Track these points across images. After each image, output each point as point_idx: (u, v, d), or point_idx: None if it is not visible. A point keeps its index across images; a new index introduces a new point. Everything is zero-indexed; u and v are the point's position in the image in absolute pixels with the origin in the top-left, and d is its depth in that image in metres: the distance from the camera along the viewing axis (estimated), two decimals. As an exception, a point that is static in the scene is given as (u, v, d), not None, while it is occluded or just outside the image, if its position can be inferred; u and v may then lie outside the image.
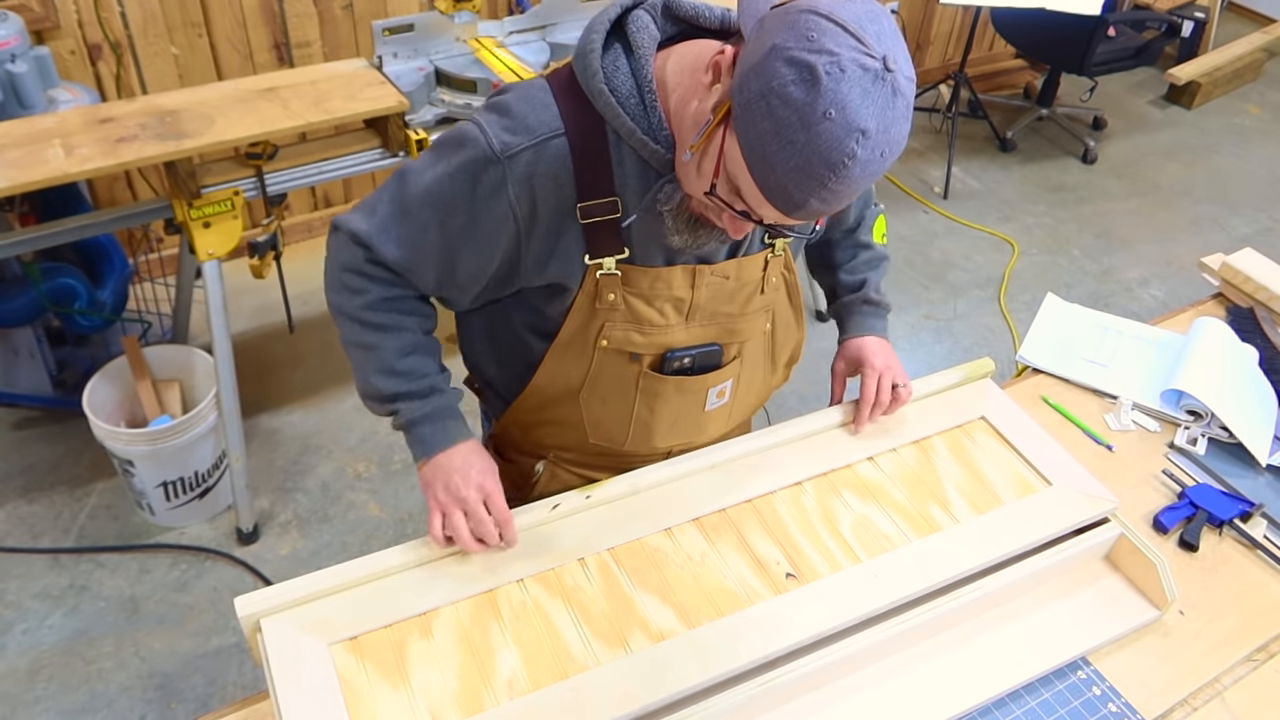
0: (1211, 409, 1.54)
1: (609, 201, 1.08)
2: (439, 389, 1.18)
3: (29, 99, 2.30)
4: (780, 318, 1.28)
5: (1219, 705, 1.20)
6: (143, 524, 2.49)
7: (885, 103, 0.86)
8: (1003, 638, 1.22)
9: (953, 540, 1.24)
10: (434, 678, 1.06)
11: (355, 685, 1.04)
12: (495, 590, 1.15)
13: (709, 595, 1.16)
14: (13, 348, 2.54)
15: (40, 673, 2.16)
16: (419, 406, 1.17)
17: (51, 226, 2.20)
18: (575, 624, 1.12)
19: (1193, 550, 1.37)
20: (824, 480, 1.31)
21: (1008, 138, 4.20)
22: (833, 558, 1.21)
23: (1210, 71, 4.60)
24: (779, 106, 0.86)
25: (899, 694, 1.16)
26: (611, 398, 1.23)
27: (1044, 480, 1.34)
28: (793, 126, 0.86)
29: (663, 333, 1.18)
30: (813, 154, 0.86)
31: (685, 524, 1.23)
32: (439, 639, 1.10)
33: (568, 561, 1.18)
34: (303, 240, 3.39)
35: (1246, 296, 1.83)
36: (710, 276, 1.16)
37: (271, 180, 2.26)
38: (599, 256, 1.11)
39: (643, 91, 1.04)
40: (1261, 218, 3.93)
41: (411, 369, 1.17)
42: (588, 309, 1.15)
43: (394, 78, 2.34)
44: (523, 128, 1.05)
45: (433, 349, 1.20)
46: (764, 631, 1.11)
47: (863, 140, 0.86)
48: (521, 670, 1.07)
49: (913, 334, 3.21)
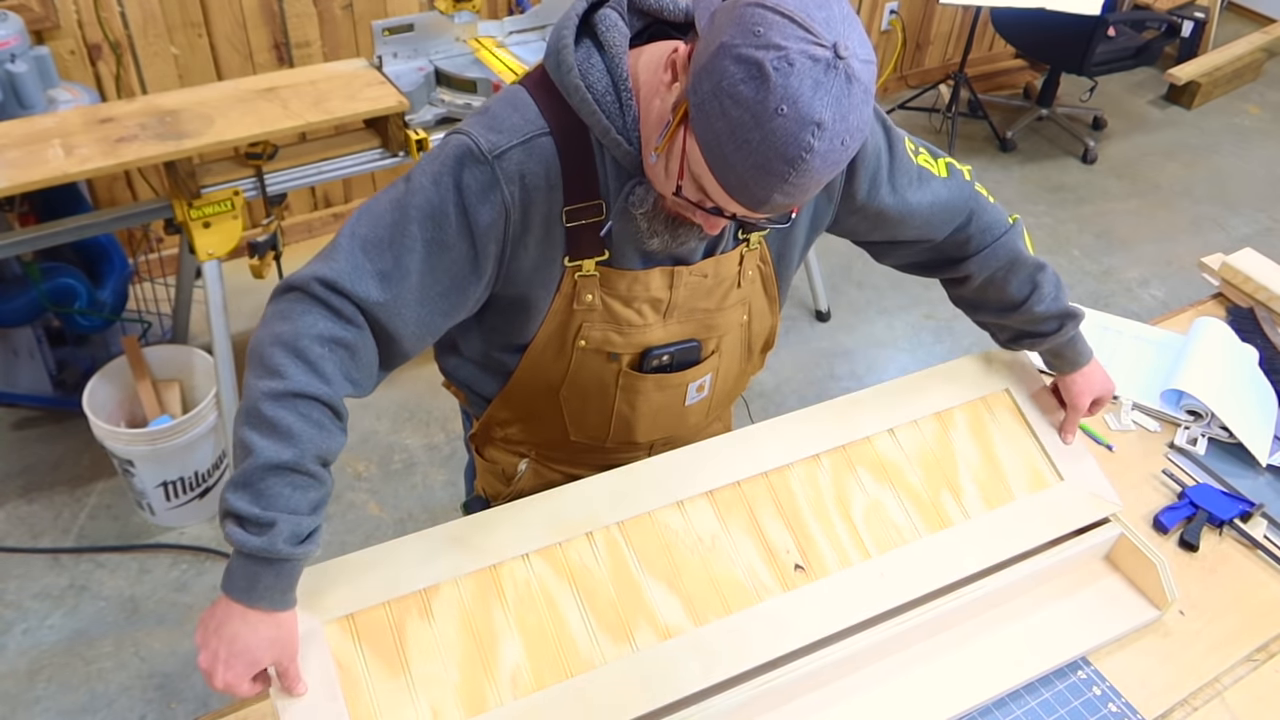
0: (1211, 409, 1.54)
1: (595, 204, 1.06)
2: (277, 531, 0.93)
3: (29, 99, 2.30)
4: (755, 308, 1.26)
5: (1219, 705, 1.20)
6: (143, 524, 2.48)
7: (840, 92, 0.84)
8: (1003, 637, 1.23)
9: (961, 538, 1.24)
10: (435, 668, 1.02)
11: (353, 673, 1.00)
12: (499, 566, 1.09)
13: (717, 587, 1.14)
14: (13, 348, 2.54)
15: (40, 673, 2.16)
16: (240, 536, 0.93)
17: (51, 226, 2.20)
18: (581, 612, 1.09)
19: (1193, 550, 1.37)
20: (841, 454, 1.28)
21: (1008, 138, 4.20)
22: (842, 549, 1.20)
23: (1210, 71, 4.60)
24: (731, 106, 0.85)
25: (900, 693, 1.16)
26: (591, 396, 1.21)
27: (1056, 475, 1.33)
28: (747, 125, 0.85)
29: (641, 332, 1.16)
30: (769, 151, 0.85)
31: (698, 497, 1.19)
32: (440, 621, 1.05)
33: (575, 535, 1.13)
34: (302, 240, 3.39)
35: (1246, 296, 1.83)
36: (689, 276, 1.15)
37: (271, 180, 2.26)
38: (579, 259, 1.09)
39: (619, 90, 1.01)
40: (1261, 218, 3.93)
41: (266, 491, 0.93)
42: (565, 310, 1.13)
43: (394, 78, 2.34)
44: (508, 126, 1.02)
45: (313, 480, 0.96)
46: (770, 631, 1.11)
47: (819, 133, 0.85)
48: (525, 664, 1.05)
49: (913, 334, 3.21)
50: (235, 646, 0.94)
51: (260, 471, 0.93)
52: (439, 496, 2.60)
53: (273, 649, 0.96)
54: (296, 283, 1.00)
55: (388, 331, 1.03)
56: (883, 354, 3.13)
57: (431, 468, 2.67)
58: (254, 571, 0.94)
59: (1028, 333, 1.34)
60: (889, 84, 4.39)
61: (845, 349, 3.15)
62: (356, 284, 1.00)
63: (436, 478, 2.65)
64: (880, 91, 4.11)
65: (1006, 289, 1.31)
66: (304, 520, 0.95)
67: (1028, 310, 1.31)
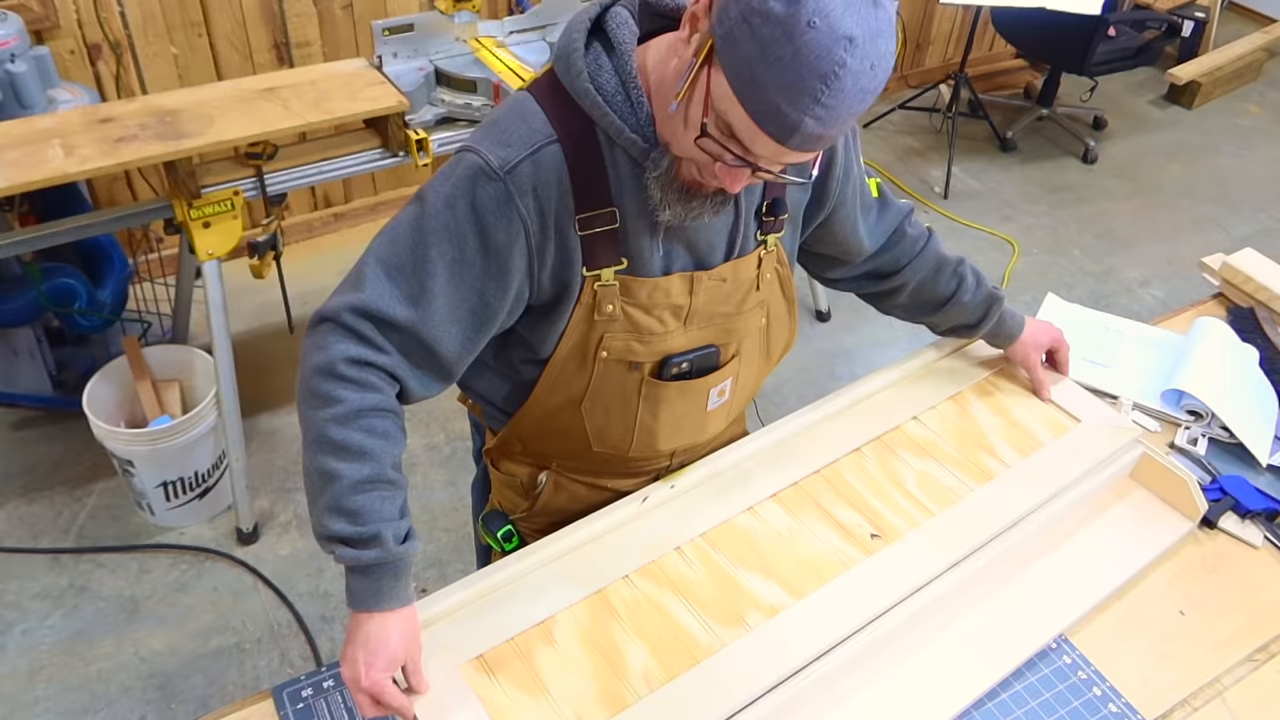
0: (1212, 409, 1.54)
1: (608, 211, 1.06)
2: (383, 540, 1.03)
3: (29, 99, 2.30)
4: (774, 311, 1.28)
5: (1219, 705, 1.20)
6: (143, 524, 2.49)
7: (867, 12, 0.85)
8: (1058, 567, 1.32)
9: (1009, 483, 1.35)
10: (570, 683, 1.09)
11: (496, 703, 1.07)
12: (605, 589, 1.19)
13: (808, 565, 1.23)
14: (13, 348, 2.54)
15: (40, 673, 2.16)
16: (353, 555, 1.02)
17: (51, 226, 2.20)
18: (691, 611, 1.17)
19: (1211, 528, 1.41)
20: (879, 443, 1.41)
21: (1008, 138, 4.20)
22: (907, 514, 1.31)
23: (1210, 71, 4.60)
24: (761, 25, 0.84)
25: (989, 624, 1.25)
26: (614, 407, 1.22)
27: (1073, 419, 1.46)
28: (778, 41, 0.84)
29: (662, 340, 1.17)
30: (802, 66, 0.85)
31: (766, 501, 1.31)
32: (564, 645, 1.13)
33: (666, 551, 1.23)
34: (303, 240, 3.39)
35: (1247, 296, 1.82)
36: (708, 281, 1.15)
37: (271, 180, 2.26)
38: (596, 268, 1.09)
39: (628, 88, 1.02)
40: (1261, 218, 3.93)
41: (360, 509, 1.02)
42: (586, 321, 1.13)
43: (394, 78, 2.34)
44: (516, 139, 1.03)
45: (394, 488, 1.05)
46: (867, 589, 1.20)
47: (850, 48, 0.84)
48: (652, 663, 1.12)
49: (913, 334, 3.21)
50: (374, 646, 1.03)
51: (348, 493, 1.02)
52: (439, 497, 2.60)
53: (405, 641, 1.05)
54: (328, 314, 1.05)
55: (426, 345, 1.07)
56: (883, 354, 3.13)
57: (431, 468, 2.67)
58: (376, 581, 1.04)
59: (961, 325, 1.48)
60: (889, 84, 4.39)
61: (845, 349, 3.15)
62: (384, 307, 1.04)
63: (437, 478, 2.65)
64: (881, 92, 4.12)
65: (936, 289, 1.43)
66: (399, 524, 1.05)
67: (956, 303, 1.43)
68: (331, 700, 1.16)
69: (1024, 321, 1.49)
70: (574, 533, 1.24)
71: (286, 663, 2.20)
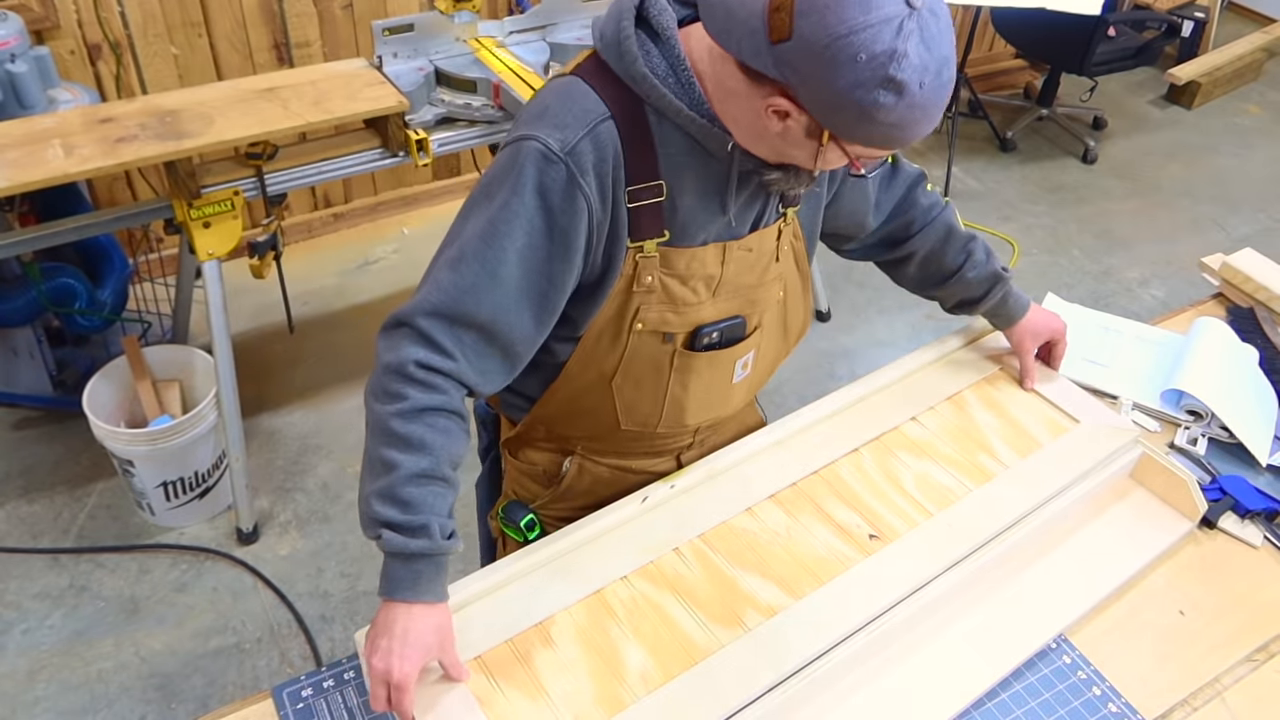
0: (1212, 409, 1.54)
1: (655, 185, 1.09)
2: (430, 532, 1.05)
3: (29, 99, 2.30)
4: (790, 286, 1.31)
5: (1219, 705, 1.20)
6: (143, 524, 2.49)
7: (935, 34, 0.93)
8: (1060, 566, 1.32)
9: (1007, 484, 1.35)
10: (568, 683, 1.10)
11: (495, 705, 1.07)
12: (603, 590, 1.19)
13: (805, 566, 1.23)
14: (13, 348, 2.54)
15: (40, 673, 2.16)
16: (400, 541, 1.05)
17: (51, 226, 2.20)
18: (689, 611, 1.17)
19: (1211, 528, 1.40)
20: (878, 444, 1.41)
21: (1008, 138, 4.20)
22: (905, 515, 1.31)
23: (1210, 71, 4.60)
24: (877, 111, 0.94)
25: (987, 624, 1.25)
26: (645, 380, 1.23)
27: (1071, 419, 1.46)
28: (903, 124, 0.95)
29: (695, 310, 1.19)
30: (916, 109, 0.95)
31: (764, 501, 1.31)
32: (562, 646, 1.14)
33: (664, 552, 1.24)
34: (303, 240, 3.39)
35: (1247, 296, 1.83)
36: (737, 251, 1.18)
37: (271, 180, 2.26)
38: (640, 240, 1.12)
39: (678, 71, 1.05)
40: (1261, 218, 3.93)
41: (412, 499, 1.05)
42: (624, 293, 1.15)
43: (394, 78, 2.34)
44: (572, 119, 1.05)
45: (447, 485, 1.09)
46: (865, 589, 1.20)
47: (944, 69, 0.95)
48: (650, 663, 1.12)
49: (913, 334, 3.21)
50: (408, 638, 1.04)
51: (403, 482, 1.05)
52: (439, 496, 2.59)
53: (438, 635, 1.07)
54: (402, 318, 1.08)
55: (499, 336, 1.09)
56: (883, 354, 3.13)
57: (431, 468, 2.67)
58: (416, 570, 1.06)
59: (967, 300, 1.49)
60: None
61: (845, 349, 3.15)
62: (456, 305, 1.06)
63: (436, 478, 2.65)
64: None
65: (944, 260, 1.45)
66: (446, 521, 1.08)
67: (961, 278, 1.45)
68: (331, 700, 1.16)
69: (1028, 306, 1.50)
70: (572, 533, 1.25)
71: (286, 663, 2.20)
